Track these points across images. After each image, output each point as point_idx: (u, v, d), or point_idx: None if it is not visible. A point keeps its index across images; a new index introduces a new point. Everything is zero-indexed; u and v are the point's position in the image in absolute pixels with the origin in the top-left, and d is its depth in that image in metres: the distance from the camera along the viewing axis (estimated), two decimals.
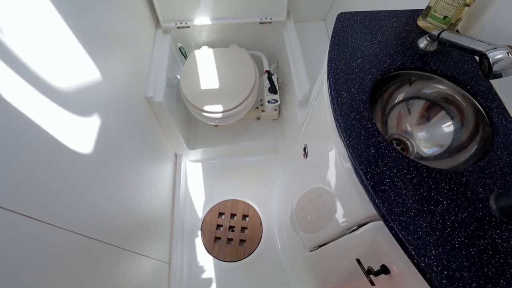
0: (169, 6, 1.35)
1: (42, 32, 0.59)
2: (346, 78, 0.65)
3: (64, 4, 0.66)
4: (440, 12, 0.72)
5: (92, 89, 0.76)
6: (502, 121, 0.63)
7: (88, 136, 0.72)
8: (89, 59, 0.76)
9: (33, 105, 0.53)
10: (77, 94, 0.69)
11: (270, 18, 1.45)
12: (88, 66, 0.76)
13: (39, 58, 0.56)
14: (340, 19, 0.78)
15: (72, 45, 0.69)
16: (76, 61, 0.70)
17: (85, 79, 0.73)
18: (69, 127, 0.64)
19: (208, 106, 1.27)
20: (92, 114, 0.75)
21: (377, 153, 0.55)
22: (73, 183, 0.64)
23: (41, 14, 0.59)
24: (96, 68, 0.79)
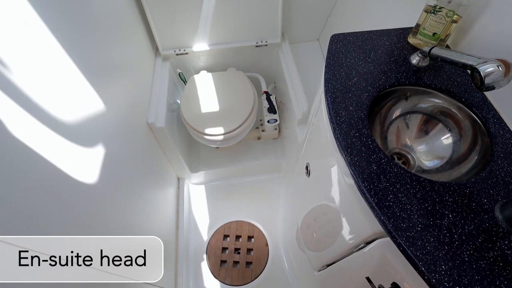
0: (168, 35, 1.40)
1: (46, 66, 0.62)
2: (343, 97, 0.67)
3: (67, 38, 0.69)
4: (429, 29, 0.75)
5: (95, 118, 0.78)
6: (499, 131, 0.64)
7: (90, 165, 0.73)
8: (92, 89, 0.78)
9: (36, 137, 0.54)
10: (80, 124, 0.70)
11: (266, 41, 1.50)
12: (90, 96, 0.78)
13: (43, 90, 0.58)
14: (334, 40, 0.80)
15: (75, 76, 0.72)
16: (78, 92, 0.73)
17: (87, 109, 0.75)
18: (72, 156, 0.65)
19: (209, 129, 1.29)
20: (95, 142, 0.76)
21: (379, 169, 0.56)
22: (77, 213, 0.64)
23: (44, 48, 0.62)
24: (98, 97, 0.81)
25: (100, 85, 0.82)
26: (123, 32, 1.08)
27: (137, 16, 1.26)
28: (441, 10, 0.71)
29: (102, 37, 0.89)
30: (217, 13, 1.35)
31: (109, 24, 0.96)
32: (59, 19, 0.67)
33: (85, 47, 0.78)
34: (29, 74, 0.55)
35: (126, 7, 1.14)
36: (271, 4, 1.35)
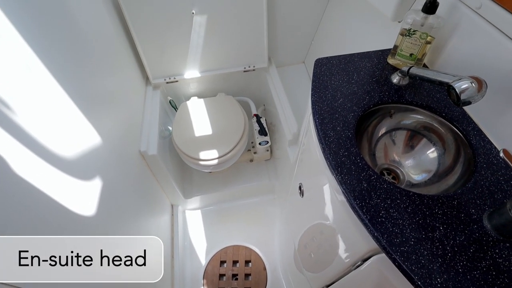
0: (157, 64, 1.44)
1: (41, 100, 0.63)
2: (330, 118, 0.69)
3: (61, 71, 0.70)
4: (406, 50, 0.80)
5: (86, 149, 0.79)
6: (480, 142, 0.67)
7: (82, 195, 0.73)
8: (84, 120, 0.79)
9: (33, 171, 0.55)
10: (72, 155, 0.71)
11: (253, 66, 1.55)
12: (82, 127, 0.79)
13: (36, 122, 0.59)
14: (318, 64, 0.85)
15: (68, 107, 0.73)
16: (71, 124, 0.73)
17: (79, 140, 0.76)
18: (65, 187, 0.65)
19: (201, 155, 1.30)
20: (86, 173, 0.76)
21: (369, 186, 0.58)
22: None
23: (40, 84, 0.63)
24: (90, 128, 0.82)
25: (92, 116, 0.83)
26: (114, 64, 1.11)
27: (127, 47, 1.30)
28: (415, 33, 0.76)
29: (94, 69, 0.92)
30: (205, 41, 1.40)
31: (100, 56, 0.98)
32: (53, 55, 0.69)
33: (78, 80, 0.80)
34: (21, 107, 0.56)
35: (116, 39, 1.18)
36: (256, 31, 1.41)
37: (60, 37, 0.74)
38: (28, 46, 0.59)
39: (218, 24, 1.36)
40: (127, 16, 1.22)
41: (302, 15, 1.51)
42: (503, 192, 0.59)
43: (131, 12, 1.22)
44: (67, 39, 0.78)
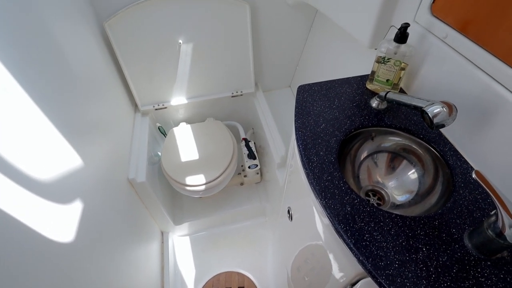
0: (146, 91, 1.46)
1: (22, 127, 0.63)
2: (313, 143, 0.72)
3: (45, 98, 0.71)
4: (382, 76, 0.85)
5: (73, 176, 0.78)
6: (457, 162, 0.70)
7: (69, 224, 0.72)
8: (70, 148, 0.80)
9: (8, 197, 0.54)
10: (57, 183, 0.70)
11: (241, 91, 1.60)
12: (69, 155, 0.79)
13: (17, 150, 0.59)
14: (301, 91, 0.88)
15: (53, 136, 0.73)
16: (57, 151, 0.73)
17: (66, 167, 0.75)
18: (49, 216, 0.64)
19: (190, 180, 1.30)
20: (73, 200, 0.76)
21: (353, 210, 0.59)
22: (56, 277, 0.62)
23: (20, 109, 0.63)
24: (77, 155, 0.82)
25: (79, 144, 0.84)
26: (102, 91, 1.13)
27: (115, 75, 1.32)
28: (389, 61, 0.80)
29: (81, 97, 0.93)
30: (192, 69, 1.44)
31: (88, 84, 1.00)
32: (36, 80, 0.70)
33: (63, 107, 0.81)
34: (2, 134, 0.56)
35: (104, 67, 1.20)
36: (242, 57, 1.46)
37: (46, 66, 0.76)
38: (6, 70, 0.60)
39: (205, 53, 1.40)
40: (116, 47, 1.26)
41: (286, 42, 1.58)
42: (481, 210, 0.61)
43: (119, 43, 1.26)
44: (54, 68, 0.79)
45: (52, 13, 0.85)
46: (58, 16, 0.89)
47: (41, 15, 0.80)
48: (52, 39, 0.82)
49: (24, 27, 0.71)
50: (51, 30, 0.83)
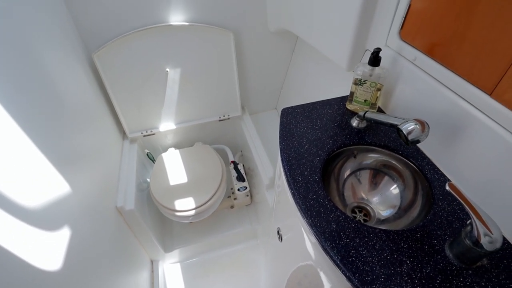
0: (134, 118, 1.48)
1: (10, 154, 0.63)
2: (298, 164, 0.74)
3: (33, 127, 0.72)
4: (360, 97, 0.89)
5: (61, 204, 0.78)
6: (434, 175, 0.73)
7: (56, 252, 0.70)
8: (59, 175, 0.80)
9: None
10: (45, 210, 0.70)
11: (228, 115, 1.63)
12: (57, 182, 0.79)
13: (5, 178, 0.59)
14: (284, 113, 0.92)
15: (42, 164, 0.74)
16: (45, 178, 0.73)
17: (54, 195, 0.75)
18: (35, 244, 0.63)
19: (180, 206, 1.30)
20: (61, 228, 0.75)
21: (338, 227, 0.61)
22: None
23: (8, 137, 0.64)
24: (66, 183, 0.82)
25: (67, 172, 0.84)
26: (90, 120, 1.14)
27: (104, 104, 1.34)
28: (365, 82, 0.85)
29: (69, 125, 0.93)
30: (179, 95, 1.48)
31: (76, 113, 1.01)
32: (26, 110, 0.71)
33: (52, 135, 0.82)
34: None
35: (93, 96, 1.22)
36: (228, 82, 1.51)
37: (33, 95, 0.77)
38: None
39: (191, 79, 1.45)
40: (104, 76, 1.29)
41: (270, 66, 1.64)
42: (460, 220, 0.64)
43: (107, 73, 1.29)
44: (43, 98, 0.81)
45: (42, 44, 0.88)
46: (48, 48, 0.92)
47: (31, 46, 0.82)
48: (42, 70, 0.85)
49: (15, 57, 0.73)
50: (41, 61, 0.85)
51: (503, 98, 0.58)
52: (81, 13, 1.17)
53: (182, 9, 1.29)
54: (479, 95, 0.62)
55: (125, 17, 1.23)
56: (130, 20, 1.24)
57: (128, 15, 1.23)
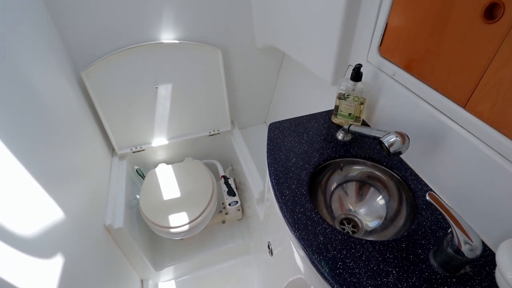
0: (123, 135, 1.48)
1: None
2: (285, 177, 0.76)
3: (22, 148, 0.72)
4: (345, 111, 0.92)
5: (47, 226, 0.77)
6: (417, 186, 0.76)
7: (41, 275, 0.69)
8: (45, 195, 0.79)
9: None
10: (30, 232, 0.69)
11: (218, 130, 1.65)
12: (42, 203, 0.77)
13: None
14: (271, 128, 0.94)
15: (28, 185, 0.73)
16: (29, 199, 0.72)
17: (38, 217, 0.74)
18: (20, 268, 0.62)
19: (170, 222, 1.29)
20: (44, 250, 0.73)
21: (325, 239, 0.62)
22: None
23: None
24: (51, 203, 0.81)
25: (54, 191, 0.83)
26: (78, 138, 1.13)
27: (92, 121, 1.34)
28: (349, 97, 0.89)
29: (57, 144, 0.93)
30: (169, 111, 1.49)
31: (64, 131, 1.00)
32: (13, 129, 0.71)
33: (39, 155, 0.81)
34: None
35: (81, 114, 1.22)
36: (217, 98, 1.53)
37: (20, 113, 0.77)
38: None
39: (181, 95, 1.46)
40: (92, 94, 1.29)
41: (258, 81, 1.68)
42: (443, 229, 0.66)
43: (96, 90, 1.30)
44: (30, 117, 0.81)
45: (29, 62, 0.89)
46: (35, 66, 0.92)
47: (18, 64, 0.83)
48: (28, 88, 0.85)
49: (0, 76, 0.73)
50: (28, 79, 0.85)
51: (476, 111, 0.61)
52: (70, 31, 1.19)
53: (171, 27, 1.32)
54: (454, 108, 0.65)
55: (114, 35, 1.25)
56: (120, 38, 1.26)
57: (117, 33, 1.25)
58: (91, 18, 1.18)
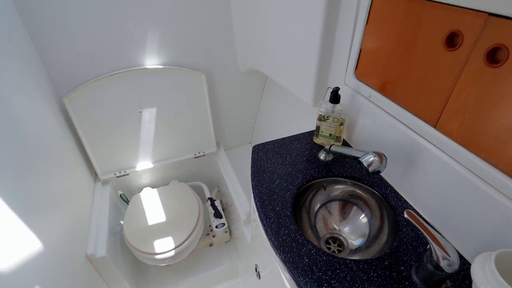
0: (107, 160, 1.46)
1: None
2: (270, 199, 0.77)
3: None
4: (325, 131, 0.95)
5: (23, 258, 0.74)
6: (398, 202, 0.78)
7: None
8: (24, 226, 0.76)
9: None
10: (7, 265, 0.66)
11: (203, 151, 1.65)
12: (19, 234, 0.75)
13: None
14: (255, 150, 0.95)
15: (5, 216, 0.70)
16: (7, 231, 0.70)
17: (13, 248, 0.71)
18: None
19: (156, 248, 1.26)
20: (21, 285, 0.70)
21: (310, 261, 0.62)
22: None
23: None
24: (29, 233, 0.78)
25: (33, 221, 0.80)
26: (59, 164, 1.11)
27: (74, 147, 1.32)
28: (328, 118, 0.92)
29: (37, 172, 0.91)
30: (154, 135, 1.49)
31: (44, 158, 0.98)
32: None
33: (18, 184, 0.79)
34: None
35: (62, 140, 1.20)
36: (203, 120, 1.55)
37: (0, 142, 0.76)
38: None
39: (166, 119, 1.47)
40: (75, 120, 1.28)
41: (242, 103, 1.71)
42: (423, 245, 0.68)
43: (78, 116, 1.29)
44: (8, 144, 0.79)
45: (7, 87, 0.87)
46: (14, 91, 0.91)
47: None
48: (6, 114, 0.83)
49: None
50: (6, 105, 0.84)
51: (445, 130, 0.65)
52: (52, 57, 1.19)
53: (155, 53, 1.34)
54: (426, 127, 0.69)
55: (97, 62, 1.26)
56: (103, 64, 1.27)
57: (100, 60, 1.26)
58: (73, 44, 1.19)
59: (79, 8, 1.13)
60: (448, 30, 0.58)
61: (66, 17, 1.13)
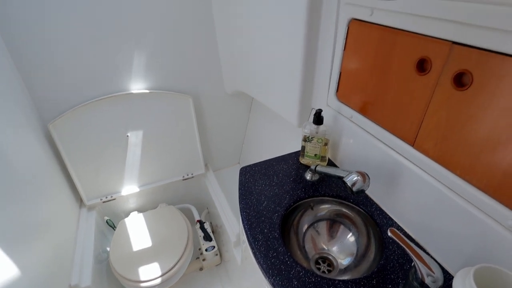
0: (92, 185, 1.43)
1: None
2: (258, 222, 0.77)
3: None
4: (311, 152, 0.98)
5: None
6: (383, 220, 0.80)
7: None
8: (4, 256, 0.73)
9: None
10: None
11: (192, 173, 1.65)
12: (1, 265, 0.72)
13: None
14: (243, 172, 0.96)
15: None
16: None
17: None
18: None
19: (143, 276, 1.22)
20: None
21: (299, 283, 0.62)
22: None
23: None
24: (8, 262, 0.75)
25: (11, 251, 0.77)
26: (43, 191, 1.08)
27: (59, 172, 1.29)
28: (313, 139, 0.94)
29: (17, 198, 0.88)
30: (141, 158, 1.48)
31: (26, 185, 0.96)
32: None
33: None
34: None
35: (47, 166, 1.17)
36: (190, 142, 1.56)
37: None
38: None
39: (153, 142, 1.47)
40: (60, 146, 1.27)
41: (229, 124, 1.73)
42: (409, 261, 0.69)
43: (64, 142, 1.28)
44: None
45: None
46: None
47: None
48: None
49: None
50: None
51: (423, 149, 0.68)
52: (37, 83, 1.19)
53: (141, 78, 1.36)
54: (404, 146, 0.72)
55: (82, 87, 1.27)
56: (89, 90, 1.28)
57: (86, 85, 1.27)
58: (59, 71, 1.20)
59: (65, 37, 1.15)
60: (418, 56, 0.63)
61: (51, 45, 1.14)
